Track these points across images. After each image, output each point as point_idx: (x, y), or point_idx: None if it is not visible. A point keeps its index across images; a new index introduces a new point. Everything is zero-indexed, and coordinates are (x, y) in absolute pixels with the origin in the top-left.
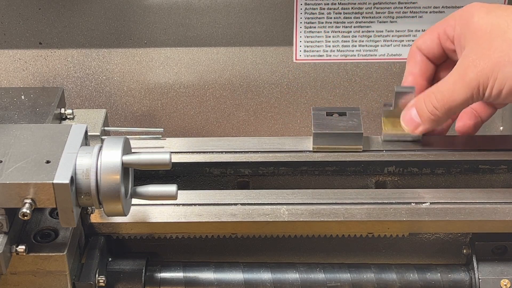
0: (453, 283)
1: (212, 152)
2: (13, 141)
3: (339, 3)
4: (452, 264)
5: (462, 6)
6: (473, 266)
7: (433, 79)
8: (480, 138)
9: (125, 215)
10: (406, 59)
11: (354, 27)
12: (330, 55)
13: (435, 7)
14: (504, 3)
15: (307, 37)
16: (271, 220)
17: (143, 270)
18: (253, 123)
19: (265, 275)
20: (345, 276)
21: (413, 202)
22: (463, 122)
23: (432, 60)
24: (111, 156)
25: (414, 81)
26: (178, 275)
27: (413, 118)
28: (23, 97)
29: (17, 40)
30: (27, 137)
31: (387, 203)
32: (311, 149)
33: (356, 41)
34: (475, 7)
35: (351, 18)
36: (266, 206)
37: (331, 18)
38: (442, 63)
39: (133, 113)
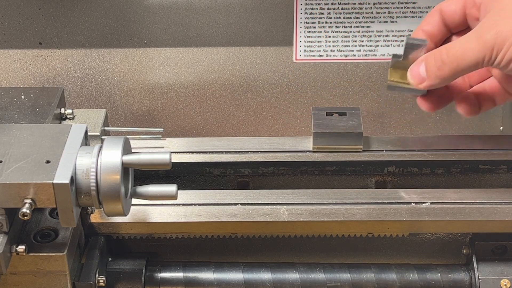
0: (453, 283)
1: (212, 152)
2: (13, 141)
3: (339, 3)
4: (452, 264)
5: None
6: (473, 266)
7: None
8: (480, 138)
9: (125, 215)
10: None
11: (354, 27)
12: (330, 55)
13: None
14: None
15: (307, 37)
16: (271, 220)
17: (143, 270)
18: (253, 123)
19: (265, 275)
20: (345, 276)
21: (413, 202)
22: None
23: (450, 26)
24: (111, 156)
25: (423, 36)
26: (178, 275)
27: (420, 72)
28: (23, 97)
29: (17, 40)
30: (27, 137)
31: (387, 203)
32: (311, 149)
33: (356, 41)
34: None
35: (351, 18)
36: (266, 206)
37: (331, 18)
38: (458, 32)
39: (133, 113)
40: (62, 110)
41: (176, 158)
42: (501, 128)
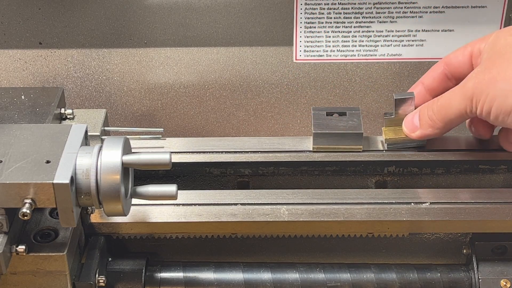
0: (453, 283)
1: (212, 152)
2: (13, 141)
3: (339, 3)
4: (452, 264)
5: (462, 7)
6: (473, 266)
7: None
8: (480, 138)
9: (125, 215)
10: (406, 59)
11: (354, 27)
12: (330, 55)
13: (435, 7)
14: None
15: (307, 37)
16: (271, 220)
17: (143, 270)
18: (253, 123)
19: (265, 275)
20: (345, 276)
21: (413, 202)
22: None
23: (458, 77)
24: (111, 156)
25: (420, 91)
26: (178, 275)
27: (414, 121)
28: (23, 97)
29: (17, 40)
30: (27, 137)
31: (387, 203)
32: (311, 149)
33: (356, 41)
34: (510, 28)
35: (351, 18)
36: (266, 206)
37: (331, 18)
38: None
39: (133, 113)
40: (62, 110)
41: (176, 158)
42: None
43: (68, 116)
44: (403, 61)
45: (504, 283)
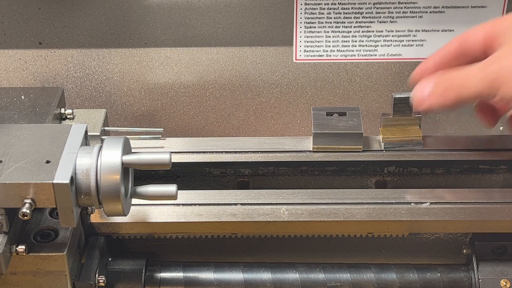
0: (453, 283)
1: (212, 152)
2: (13, 141)
3: (339, 3)
4: (452, 264)
5: (462, 7)
6: (473, 266)
7: None
8: (480, 138)
9: (125, 215)
10: (406, 59)
11: (354, 27)
12: (330, 55)
13: (435, 7)
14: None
15: (307, 37)
16: (271, 220)
17: (143, 270)
18: (253, 123)
19: (265, 275)
20: (345, 276)
21: (413, 202)
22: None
23: (472, 57)
24: (111, 156)
25: (432, 65)
26: (178, 275)
27: (424, 92)
28: (23, 97)
29: (17, 40)
30: (27, 137)
31: (387, 203)
32: (311, 149)
33: (356, 41)
34: None
35: (351, 18)
36: (266, 206)
37: (331, 18)
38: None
39: (133, 113)
40: (62, 110)
41: (176, 158)
42: (501, 128)
43: (68, 116)
44: (403, 61)
45: (504, 283)
